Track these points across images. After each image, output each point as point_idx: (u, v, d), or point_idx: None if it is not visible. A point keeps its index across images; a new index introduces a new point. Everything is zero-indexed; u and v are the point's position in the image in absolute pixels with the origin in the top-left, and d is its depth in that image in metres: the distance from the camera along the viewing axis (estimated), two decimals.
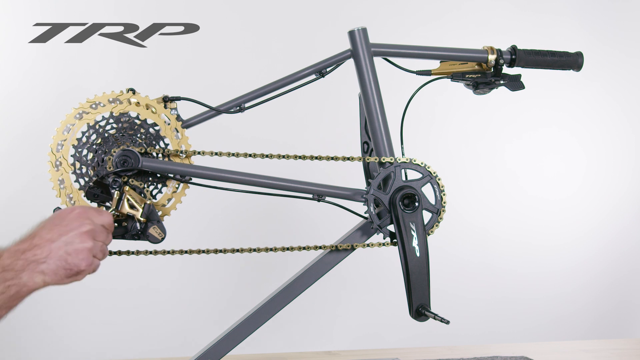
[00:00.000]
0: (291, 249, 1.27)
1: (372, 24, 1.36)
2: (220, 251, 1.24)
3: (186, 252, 1.23)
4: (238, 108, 1.28)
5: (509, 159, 2.49)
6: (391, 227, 1.27)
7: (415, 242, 1.24)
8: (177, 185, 1.23)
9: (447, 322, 1.18)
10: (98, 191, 1.16)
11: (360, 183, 1.34)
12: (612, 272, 2.54)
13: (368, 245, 1.27)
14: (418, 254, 1.24)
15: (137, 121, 1.22)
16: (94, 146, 1.21)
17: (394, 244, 1.27)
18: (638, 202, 2.56)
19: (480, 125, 2.46)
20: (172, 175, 1.22)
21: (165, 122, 1.23)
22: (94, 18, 2.18)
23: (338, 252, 1.27)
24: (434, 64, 1.35)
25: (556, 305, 2.50)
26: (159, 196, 1.23)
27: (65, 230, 0.99)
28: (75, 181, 1.20)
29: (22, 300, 0.96)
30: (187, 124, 1.25)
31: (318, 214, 2.08)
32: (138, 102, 1.22)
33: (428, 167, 1.27)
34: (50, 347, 2.19)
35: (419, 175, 1.27)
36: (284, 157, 1.25)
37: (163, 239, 1.18)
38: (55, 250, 0.97)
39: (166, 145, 1.24)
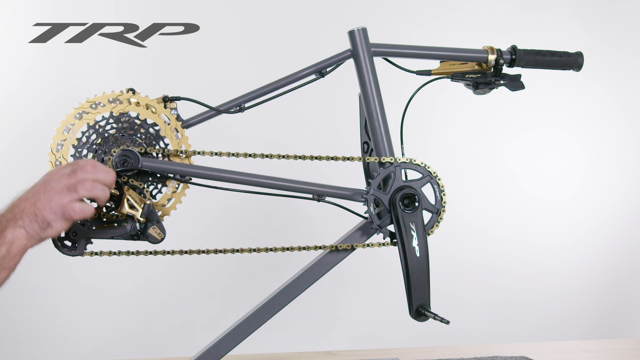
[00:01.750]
0: (291, 249, 1.27)
1: (372, 24, 1.36)
2: (220, 251, 1.24)
3: (186, 252, 1.23)
4: (238, 108, 1.27)
5: (509, 159, 2.48)
6: (391, 227, 1.27)
7: (415, 242, 1.24)
8: (177, 185, 1.23)
9: (447, 322, 1.18)
10: None
11: (360, 183, 1.33)
12: (612, 272, 2.54)
13: (368, 245, 1.27)
14: (418, 254, 1.24)
15: (137, 121, 1.22)
16: (94, 146, 1.21)
17: (394, 244, 1.27)
18: (638, 202, 2.56)
19: (480, 125, 2.46)
20: (172, 175, 1.22)
21: (165, 122, 1.23)
22: (94, 18, 2.17)
23: (338, 252, 1.27)
24: (434, 64, 1.35)
25: (556, 305, 2.50)
26: (159, 196, 1.23)
27: (38, 188, 1.06)
28: None
29: (18, 259, 1.03)
30: (187, 124, 1.25)
31: (318, 214, 2.08)
32: (138, 102, 1.22)
33: (428, 167, 1.27)
34: (50, 346, 2.19)
35: (419, 175, 1.27)
36: (284, 157, 1.25)
37: (163, 239, 1.18)
38: (28, 205, 1.04)
39: (166, 145, 1.23)
